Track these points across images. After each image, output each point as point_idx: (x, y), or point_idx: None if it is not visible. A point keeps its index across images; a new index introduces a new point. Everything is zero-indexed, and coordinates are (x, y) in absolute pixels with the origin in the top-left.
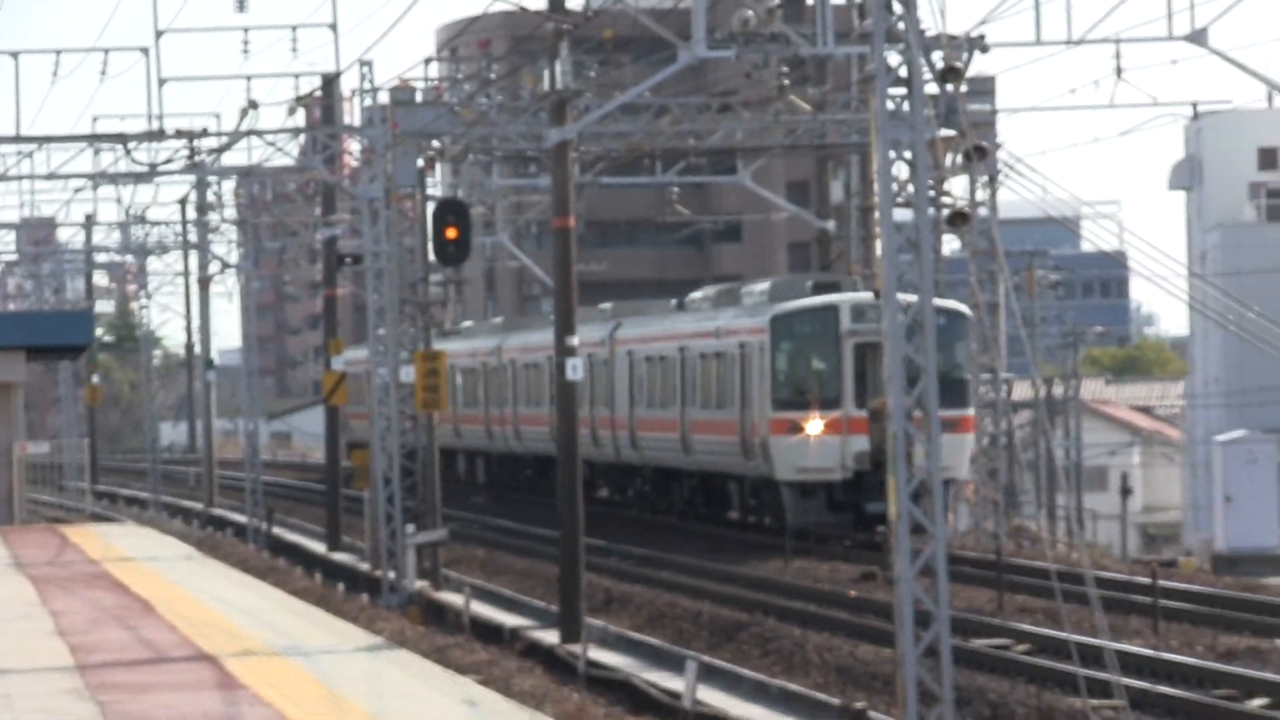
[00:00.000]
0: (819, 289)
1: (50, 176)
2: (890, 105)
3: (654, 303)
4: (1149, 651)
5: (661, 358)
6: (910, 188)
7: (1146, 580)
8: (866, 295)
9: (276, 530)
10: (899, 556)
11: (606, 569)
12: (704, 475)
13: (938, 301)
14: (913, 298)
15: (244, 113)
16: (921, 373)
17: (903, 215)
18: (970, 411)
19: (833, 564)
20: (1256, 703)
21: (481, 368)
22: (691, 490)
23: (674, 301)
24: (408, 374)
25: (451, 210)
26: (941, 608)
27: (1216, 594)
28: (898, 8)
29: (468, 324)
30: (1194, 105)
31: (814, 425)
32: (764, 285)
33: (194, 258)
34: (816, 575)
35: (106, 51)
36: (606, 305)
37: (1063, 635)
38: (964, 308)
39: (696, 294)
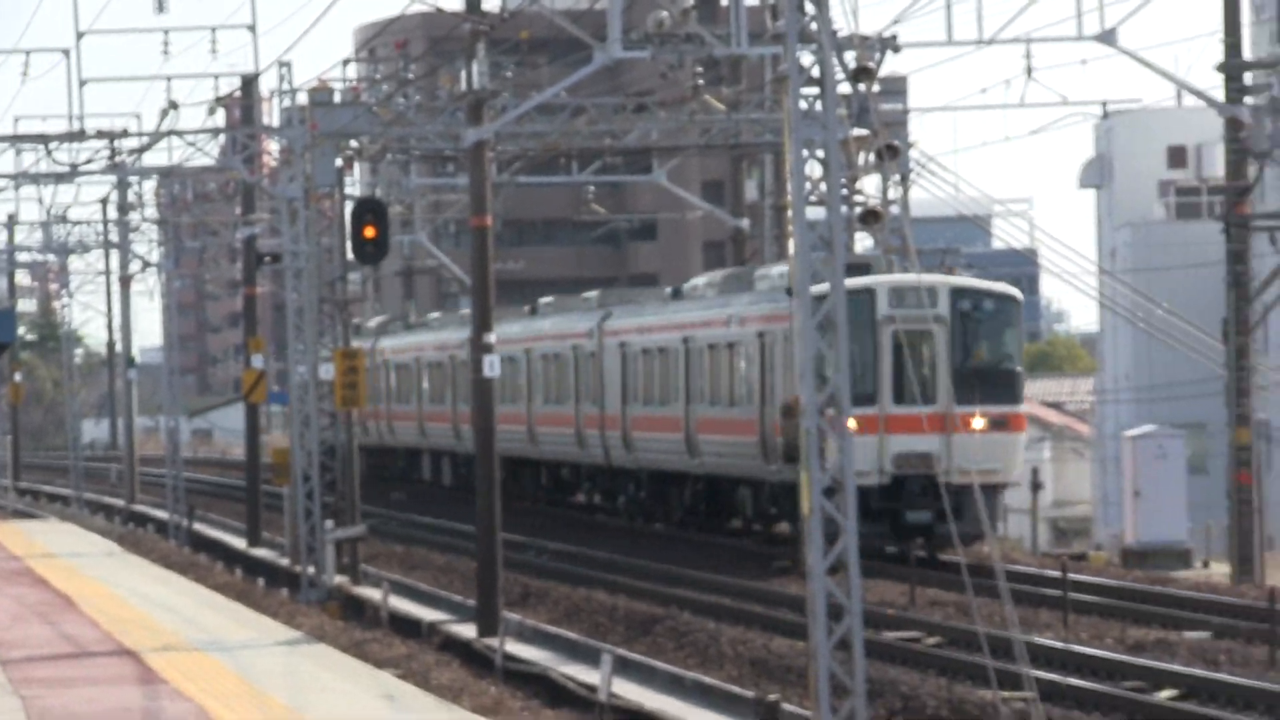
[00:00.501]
0: (850, 270)
1: None
2: (803, 105)
3: (647, 290)
4: (1059, 644)
5: (660, 350)
6: (823, 186)
7: (1057, 574)
8: (907, 276)
9: (197, 526)
10: (811, 551)
11: (524, 564)
12: (710, 479)
13: (987, 285)
14: (944, 278)
15: (164, 113)
16: (836, 369)
17: (816, 214)
18: (1022, 408)
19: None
20: (1164, 694)
21: (450, 361)
22: (695, 496)
23: (668, 290)
24: (328, 371)
25: (370, 209)
26: (854, 601)
27: (1126, 587)
28: (810, 8)
29: (435, 315)
30: (1104, 104)
31: None
32: (781, 268)
33: (115, 257)
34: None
35: (28, 53)
36: (592, 294)
37: (973, 628)
38: (1015, 291)
39: (699, 279)
